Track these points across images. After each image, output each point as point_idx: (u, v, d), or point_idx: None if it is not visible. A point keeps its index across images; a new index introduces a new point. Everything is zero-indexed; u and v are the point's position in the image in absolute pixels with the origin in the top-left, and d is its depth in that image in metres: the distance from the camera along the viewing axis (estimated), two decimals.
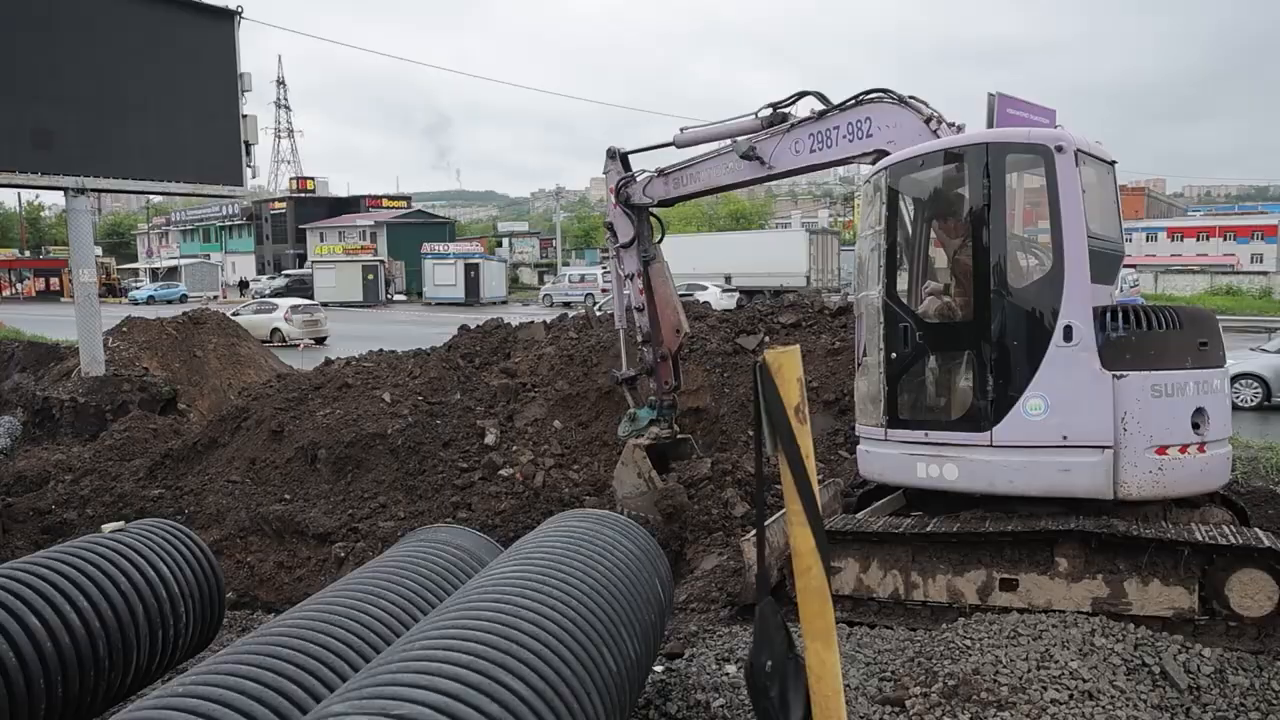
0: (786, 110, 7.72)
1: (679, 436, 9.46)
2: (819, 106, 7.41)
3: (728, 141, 8.13)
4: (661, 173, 8.74)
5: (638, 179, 8.89)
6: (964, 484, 5.71)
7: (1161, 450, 5.30)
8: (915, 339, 5.92)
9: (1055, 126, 6.18)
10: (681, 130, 8.55)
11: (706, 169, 8.35)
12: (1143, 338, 5.45)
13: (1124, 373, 5.32)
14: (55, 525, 10.05)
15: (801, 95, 7.68)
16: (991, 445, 5.56)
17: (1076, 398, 5.35)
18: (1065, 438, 5.36)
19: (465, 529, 5.59)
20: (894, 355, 5.98)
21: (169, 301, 56.50)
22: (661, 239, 9.26)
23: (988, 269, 5.58)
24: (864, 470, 6.53)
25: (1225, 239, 66.97)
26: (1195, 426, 5.40)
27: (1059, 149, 5.44)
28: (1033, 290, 5.60)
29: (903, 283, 6.16)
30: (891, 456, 6.07)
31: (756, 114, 7.86)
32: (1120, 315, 5.53)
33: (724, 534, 8.35)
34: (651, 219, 9.16)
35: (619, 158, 9.10)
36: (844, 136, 7.13)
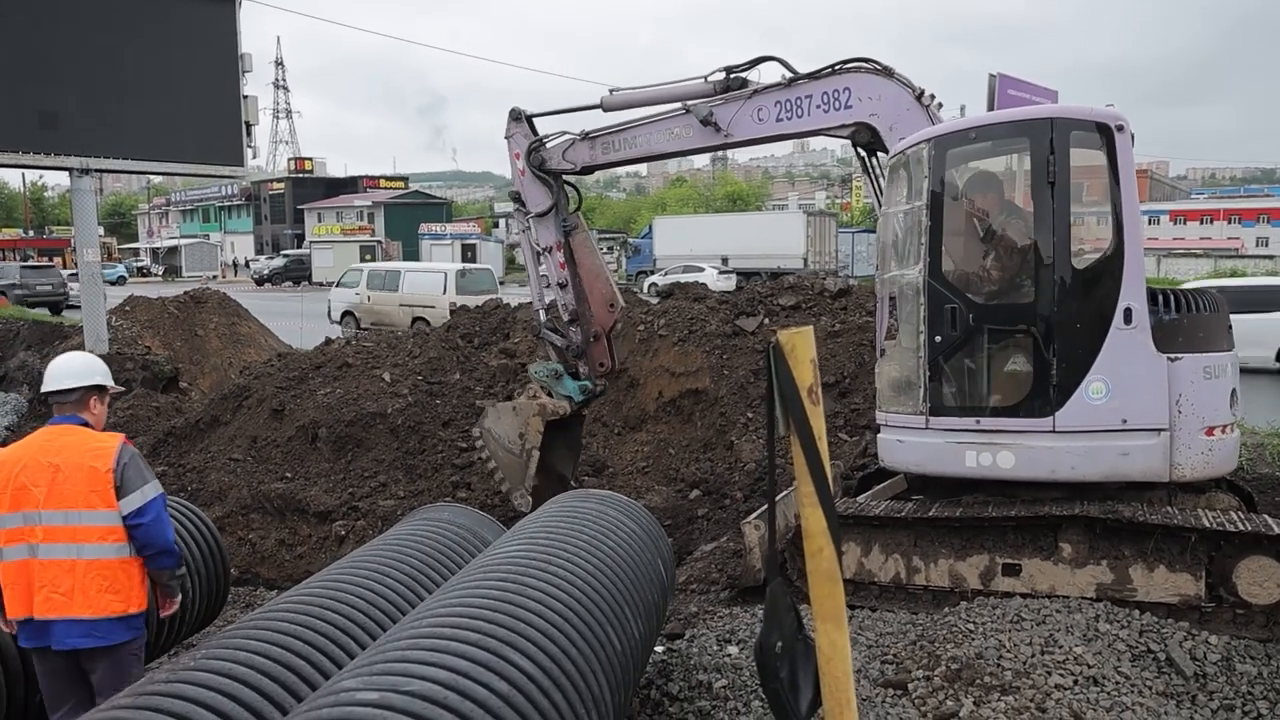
0: (744, 75, 7.13)
1: (593, 398, 8.44)
2: (786, 73, 6.89)
3: (674, 105, 7.37)
4: (587, 136, 7.79)
5: (552, 143, 7.98)
6: (1022, 472, 5.51)
7: (1210, 431, 5.29)
8: (966, 321, 5.62)
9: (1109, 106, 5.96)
10: (611, 92, 7.67)
11: (646, 134, 7.52)
12: (1192, 320, 5.45)
13: (1177, 355, 5.29)
14: None
15: (761, 60, 7.14)
16: (1054, 431, 5.40)
17: (1135, 381, 5.29)
18: (1125, 421, 5.29)
19: (468, 508, 5.59)
20: (939, 338, 5.68)
21: (108, 283, 53.66)
22: (578, 209, 8.36)
23: (1050, 248, 5.41)
24: (892, 461, 6.19)
25: (1230, 222, 66.57)
26: (1229, 407, 5.44)
27: (1119, 128, 5.33)
28: (1094, 271, 5.48)
29: (950, 261, 5.84)
30: (934, 446, 5.78)
31: (706, 78, 7.20)
32: (1165, 298, 5.52)
33: None
34: (566, 188, 8.24)
35: (525, 120, 8.12)
36: (818, 106, 6.65)
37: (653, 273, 41.84)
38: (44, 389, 4.12)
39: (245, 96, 16.11)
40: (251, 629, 3.44)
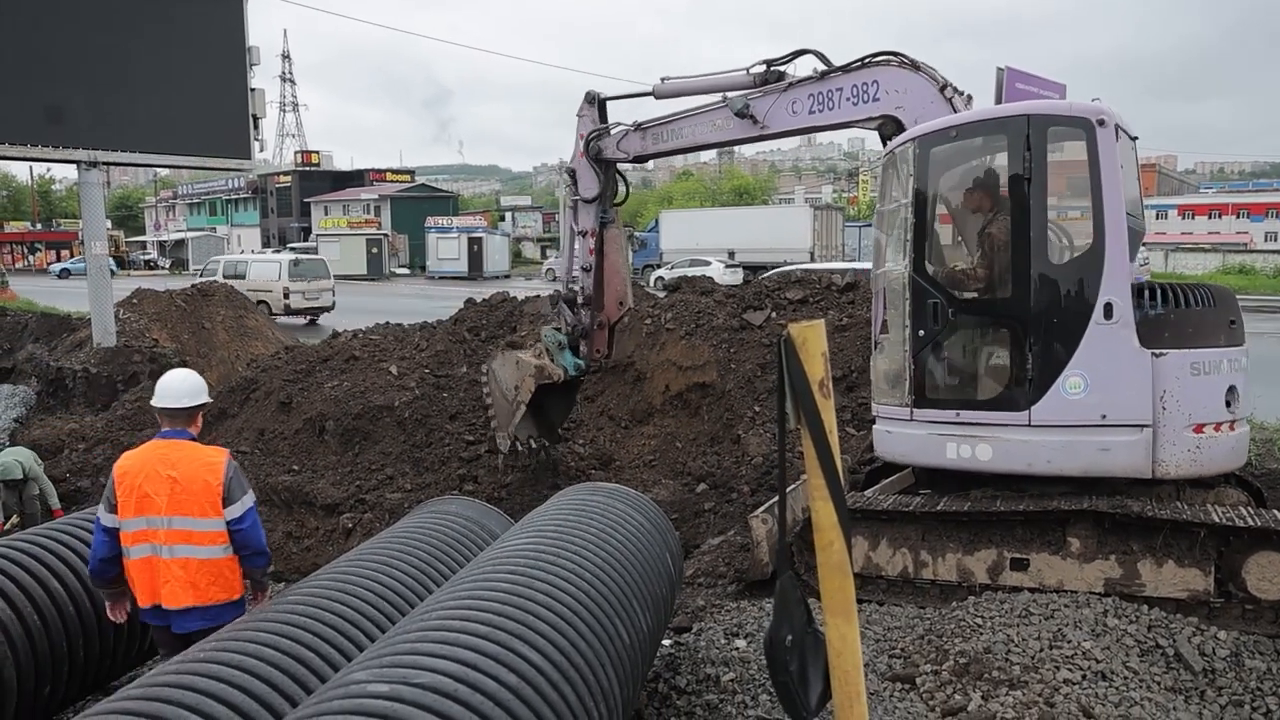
0: (782, 68, 7.36)
1: (585, 375, 9.50)
2: (819, 66, 7.07)
3: (716, 97, 7.69)
4: (639, 127, 8.23)
5: (612, 132, 8.41)
6: (999, 464, 5.55)
7: (1199, 429, 5.23)
8: (947, 315, 5.71)
9: (1094, 99, 6.00)
10: (663, 80, 8.05)
11: (690, 125, 7.90)
12: (1180, 315, 5.38)
13: (1163, 351, 5.24)
14: (70, 493, 10.12)
15: (800, 53, 7.33)
16: (1030, 425, 5.41)
17: (1116, 376, 5.25)
18: (1104, 416, 5.27)
19: (475, 501, 5.60)
20: (921, 332, 5.78)
21: None
22: (625, 200, 8.94)
23: (1027, 244, 5.42)
24: (883, 451, 6.35)
25: (1238, 217, 66.19)
26: (1227, 405, 5.36)
27: (1100, 122, 5.30)
28: (1072, 266, 5.46)
29: (932, 257, 5.92)
30: (918, 437, 5.89)
31: (748, 70, 7.47)
32: (1154, 293, 5.46)
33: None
34: (617, 177, 8.77)
35: (597, 103, 8.56)
36: (848, 99, 6.83)
37: (659, 266, 41.77)
38: (158, 404, 4.60)
39: (252, 90, 16.13)
40: (261, 621, 3.45)
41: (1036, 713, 4.05)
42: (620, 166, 8.79)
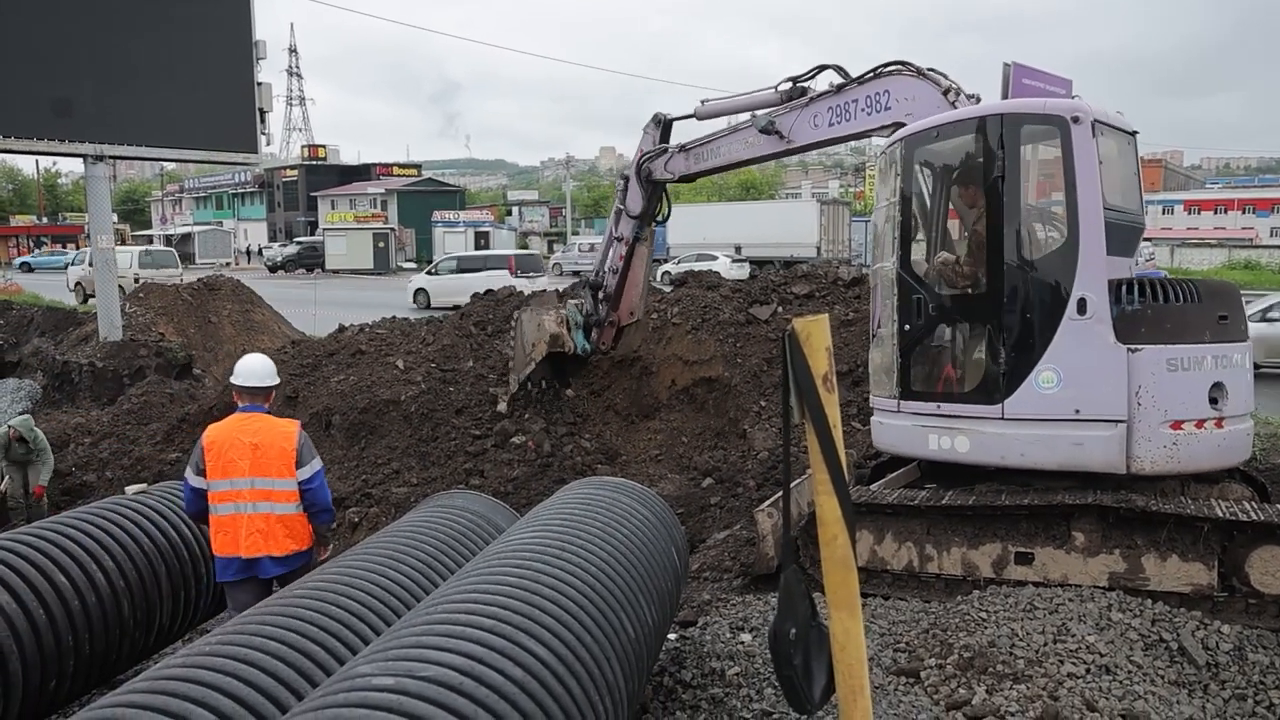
0: (806, 84, 7.81)
1: (589, 357, 10.69)
2: (839, 80, 7.43)
3: (747, 116, 8.22)
4: (682, 148, 8.90)
5: (662, 155, 9.13)
6: (975, 456, 5.69)
7: (1176, 425, 5.23)
8: (928, 311, 5.88)
9: (1073, 96, 6.17)
10: (703, 102, 8.71)
11: (726, 144, 8.48)
12: (1159, 311, 5.38)
13: (1138, 346, 5.26)
14: (75, 487, 10.16)
15: (821, 69, 7.73)
16: (1003, 418, 5.53)
17: (1090, 371, 5.30)
18: (1078, 411, 5.32)
19: (481, 495, 5.62)
20: (907, 327, 5.96)
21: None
22: (666, 218, 9.84)
23: (1001, 240, 5.53)
24: (877, 442, 6.55)
25: (1244, 212, 66.00)
26: (1213, 402, 5.34)
27: (1075, 119, 5.37)
28: (1047, 262, 5.54)
29: (917, 254, 6.12)
30: (904, 428, 6.07)
31: (776, 88, 7.97)
32: (1136, 288, 5.46)
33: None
34: (664, 197, 9.61)
35: (662, 124, 9.33)
36: (862, 110, 7.17)
37: (666, 261, 41.72)
38: (239, 383, 5.28)
39: (259, 83, 16.14)
40: (267, 614, 3.47)
41: (1040, 706, 4.06)
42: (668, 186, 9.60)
